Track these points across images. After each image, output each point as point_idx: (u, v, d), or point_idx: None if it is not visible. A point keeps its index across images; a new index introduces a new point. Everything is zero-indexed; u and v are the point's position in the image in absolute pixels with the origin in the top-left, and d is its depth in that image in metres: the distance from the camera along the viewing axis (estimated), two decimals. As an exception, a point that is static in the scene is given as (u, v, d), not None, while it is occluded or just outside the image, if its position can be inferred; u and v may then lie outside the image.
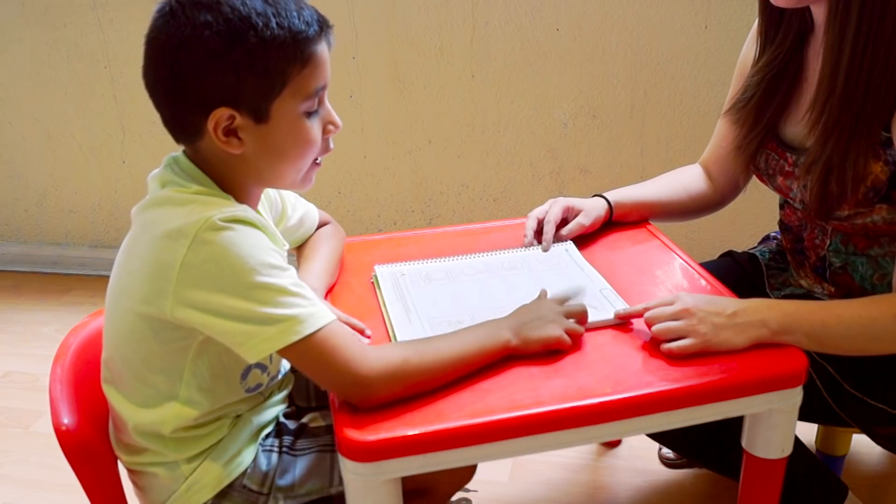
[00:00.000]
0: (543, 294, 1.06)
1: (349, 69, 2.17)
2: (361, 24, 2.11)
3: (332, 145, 0.99)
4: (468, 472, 1.13)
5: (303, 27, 0.89)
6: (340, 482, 1.01)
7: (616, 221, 1.33)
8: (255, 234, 0.88)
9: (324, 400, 1.15)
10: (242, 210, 0.90)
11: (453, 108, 2.19)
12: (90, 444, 0.98)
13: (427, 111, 2.20)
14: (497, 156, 2.23)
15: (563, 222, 1.28)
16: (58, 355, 1.04)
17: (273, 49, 0.87)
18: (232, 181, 0.95)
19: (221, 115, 0.88)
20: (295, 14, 0.89)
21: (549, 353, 0.99)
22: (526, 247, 1.26)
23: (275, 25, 0.87)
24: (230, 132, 0.90)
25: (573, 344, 1.00)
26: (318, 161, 0.99)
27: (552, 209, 1.28)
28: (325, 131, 0.97)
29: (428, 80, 2.16)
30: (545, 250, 1.25)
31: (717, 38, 1.98)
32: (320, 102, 0.95)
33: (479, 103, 2.17)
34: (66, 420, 0.96)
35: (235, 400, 1.01)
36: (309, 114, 0.93)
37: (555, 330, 0.98)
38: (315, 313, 0.88)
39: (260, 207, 1.08)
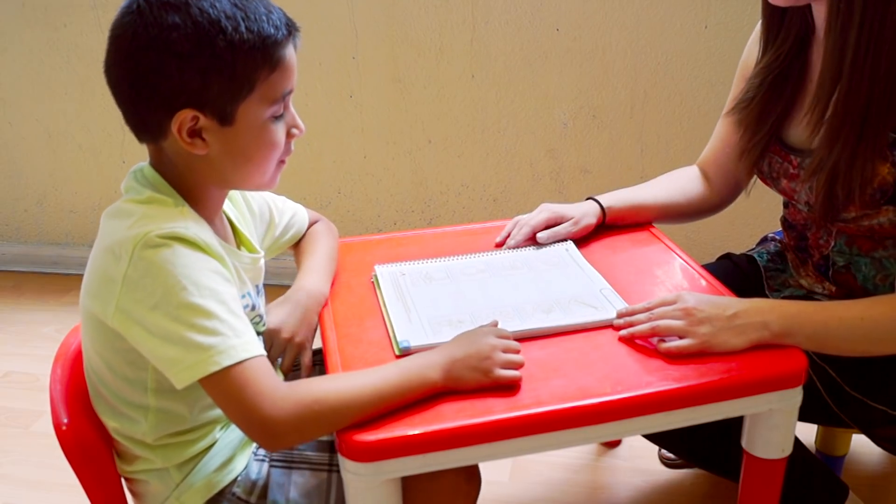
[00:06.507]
0: (494, 323, 1.01)
1: (349, 69, 2.17)
2: (361, 24, 2.11)
3: (293, 147, 0.98)
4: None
5: (272, 31, 0.88)
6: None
7: (609, 225, 1.31)
8: (191, 254, 0.87)
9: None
10: (184, 227, 0.88)
11: (453, 108, 2.19)
12: (90, 444, 0.98)
13: (427, 111, 2.20)
14: (497, 156, 2.23)
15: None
16: (58, 355, 1.04)
17: (241, 53, 0.86)
18: (194, 183, 0.94)
19: (185, 116, 0.87)
20: (264, 17, 0.87)
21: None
22: (505, 247, 1.27)
23: (244, 29, 0.86)
24: (194, 133, 0.89)
25: (510, 379, 0.93)
26: (283, 160, 0.98)
27: (538, 216, 1.28)
28: (288, 135, 0.96)
29: (428, 80, 2.16)
30: (509, 247, 1.26)
31: (717, 38, 1.98)
32: (285, 106, 0.94)
33: (479, 103, 2.17)
34: (66, 420, 0.96)
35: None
36: (275, 118, 0.93)
37: (489, 371, 0.92)
38: (237, 345, 0.85)
39: (236, 213, 1.07)
